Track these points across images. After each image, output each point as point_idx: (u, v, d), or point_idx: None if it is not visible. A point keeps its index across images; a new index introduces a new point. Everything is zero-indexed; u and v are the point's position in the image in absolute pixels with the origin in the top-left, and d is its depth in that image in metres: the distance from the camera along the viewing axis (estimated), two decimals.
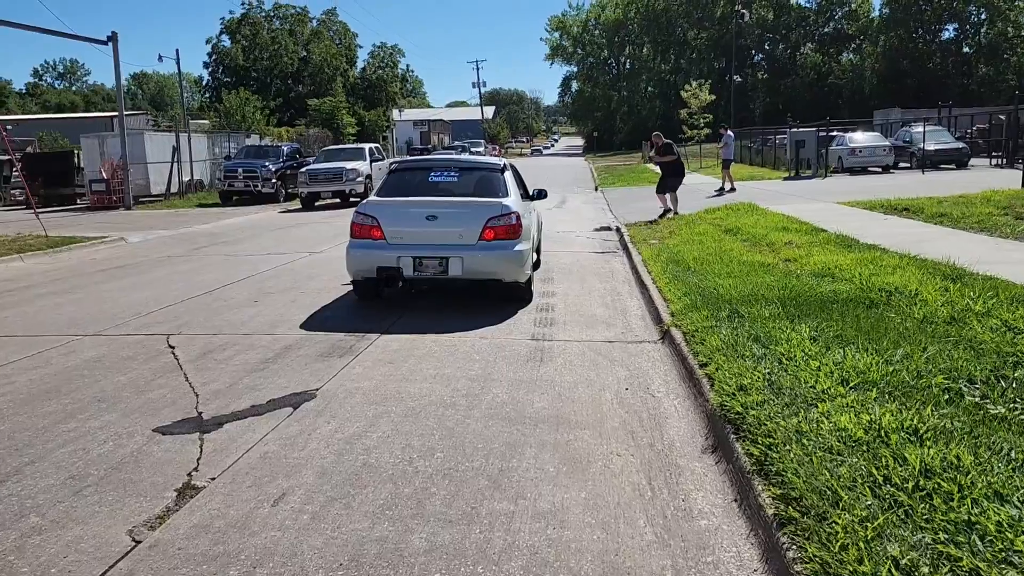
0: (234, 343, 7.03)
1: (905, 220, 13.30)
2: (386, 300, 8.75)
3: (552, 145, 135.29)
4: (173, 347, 7.00)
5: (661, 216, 16.30)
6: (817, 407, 4.14)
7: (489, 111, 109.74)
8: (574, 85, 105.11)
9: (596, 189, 29.61)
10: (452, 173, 8.74)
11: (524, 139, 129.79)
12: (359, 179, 24.57)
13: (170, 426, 4.96)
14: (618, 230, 14.83)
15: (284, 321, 7.82)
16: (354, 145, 31.01)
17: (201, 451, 4.52)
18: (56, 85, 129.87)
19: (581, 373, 5.82)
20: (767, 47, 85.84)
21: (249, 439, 4.71)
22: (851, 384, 4.46)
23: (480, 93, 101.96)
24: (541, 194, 10.29)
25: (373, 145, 28.71)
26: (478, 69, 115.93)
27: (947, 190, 17.35)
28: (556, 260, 11.52)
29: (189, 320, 8.15)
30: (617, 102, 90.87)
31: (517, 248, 7.94)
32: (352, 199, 24.28)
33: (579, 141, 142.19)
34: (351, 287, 8.86)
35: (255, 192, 27.05)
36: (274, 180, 27.34)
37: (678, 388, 5.51)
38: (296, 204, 25.70)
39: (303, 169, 25.35)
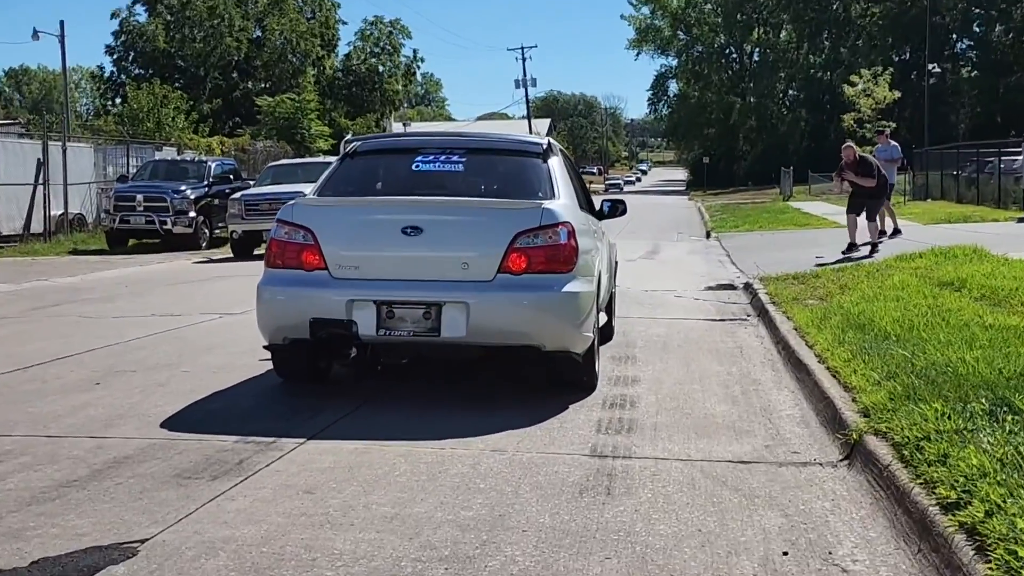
0: (23, 451, 6.25)
1: None
2: (336, 383, 8.40)
3: (638, 177, 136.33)
4: None
5: (871, 249, 17.98)
6: None
7: (541, 125, 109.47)
8: (673, 87, 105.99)
9: (708, 235, 31.11)
10: (455, 158, 8.29)
11: (594, 169, 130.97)
12: None
13: None
14: (748, 288, 15.17)
15: (132, 415, 7.23)
16: (320, 159, 30.34)
17: None
18: None
19: (688, 519, 5.01)
20: (977, 29, 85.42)
21: None
22: None
23: (527, 95, 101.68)
24: (617, 208, 10.27)
25: None
26: (524, 60, 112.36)
27: None
28: (642, 329, 11.48)
29: None
30: (740, 112, 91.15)
31: (569, 288, 7.37)
32: None
33: (680, 174, 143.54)
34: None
35: (162, 232, 26.58)
36: (192, 214, 26.85)
37: (901, 559, 4.46)
38: (226, 250, 25.43)
39: (237, 195, 24.88)
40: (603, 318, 9.49)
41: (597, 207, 10.11)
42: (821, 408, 7.11)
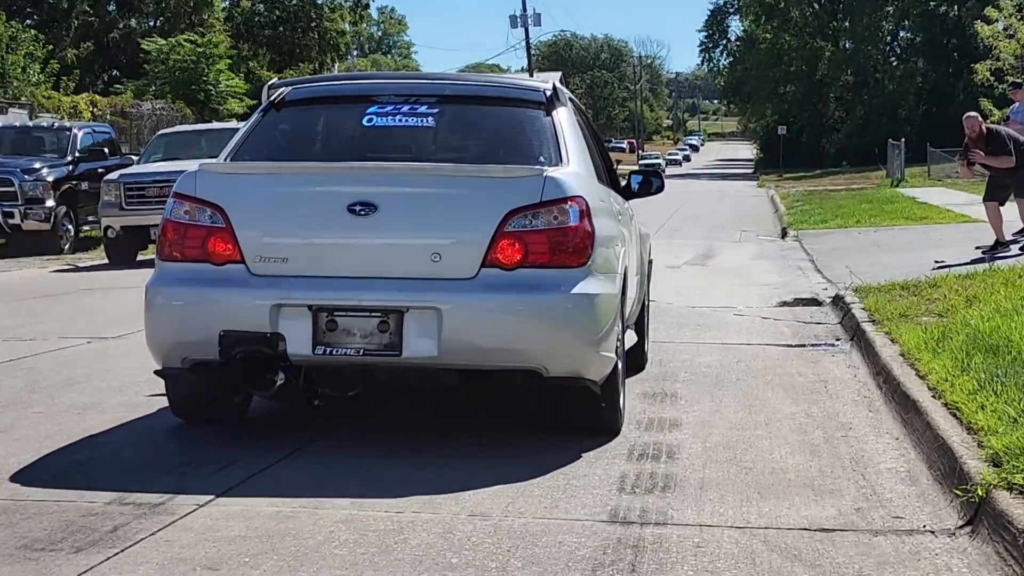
0: None
1: None
2: (255, 423, 8.55)
3: (686, 155, 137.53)
4: None
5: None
6: None
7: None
8: (735, 26, 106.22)
9: (783, 234, 32.03)
10: (422, 108, 8.43)
11: (624, 143, 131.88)
12: None
13: None
14: (838, 302, 15.55)
15: None
16: (231, 125, 30.83)
17: None
18: None
19: None
20: None
21: None
22: None
23: (527, 37, 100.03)
24: (651, 183, 10.42)
25: None
26: None
27: None
28: (686, 358, 11.81)
29: None
30: (832, 62, 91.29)
31: (581, 289, 7.46)
32: None
33: (745, 150, 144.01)
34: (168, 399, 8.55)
35: (7, 228, 26.61)
36: (50, 203, 26.94)
37: None
38: (99, 254, 25.84)
39: (114, 176, 25.26)
40: (631, 338, 9.58)
41: (623, 182, 10.35)
42: (935, 459, 7.17)
